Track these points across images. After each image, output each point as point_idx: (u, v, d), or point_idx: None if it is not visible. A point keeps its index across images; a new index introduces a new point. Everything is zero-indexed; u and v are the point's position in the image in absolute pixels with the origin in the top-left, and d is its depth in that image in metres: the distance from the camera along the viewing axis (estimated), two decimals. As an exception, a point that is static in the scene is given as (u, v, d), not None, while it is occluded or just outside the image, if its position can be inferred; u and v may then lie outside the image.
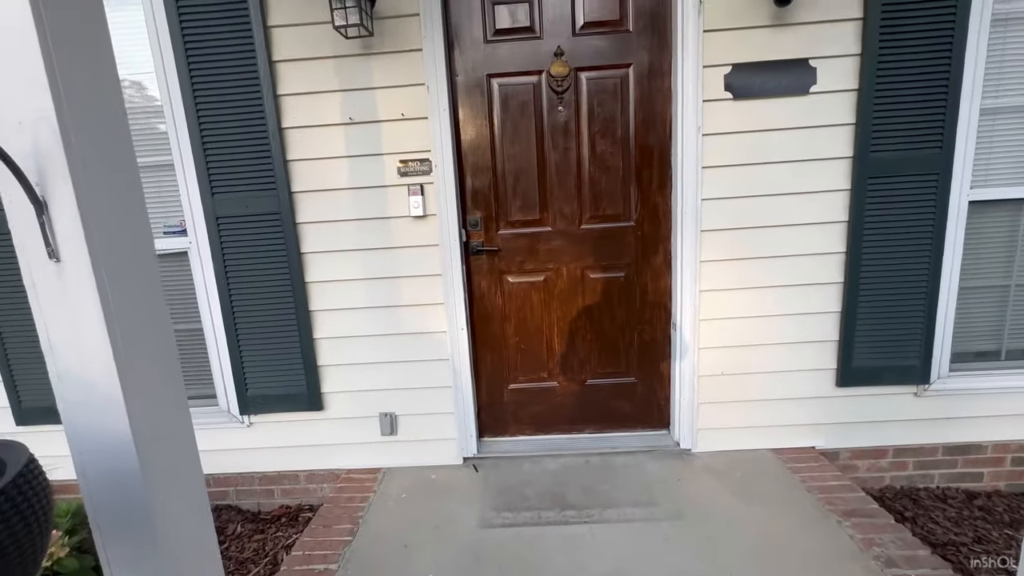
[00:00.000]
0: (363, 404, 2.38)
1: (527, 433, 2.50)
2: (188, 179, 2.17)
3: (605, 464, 2.33)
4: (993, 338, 2.32)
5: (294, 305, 2.26)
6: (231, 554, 2.20)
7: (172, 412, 1.07)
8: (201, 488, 1.16)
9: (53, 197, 0.90)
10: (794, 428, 2.36)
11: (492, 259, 2.32)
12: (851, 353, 2.24)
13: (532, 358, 2.42)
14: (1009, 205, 2.16)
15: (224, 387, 2.39)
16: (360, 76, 2.08)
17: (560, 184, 2.24)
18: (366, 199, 2.18)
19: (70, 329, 0.94)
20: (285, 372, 2.34)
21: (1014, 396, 2.27)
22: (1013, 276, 2.24)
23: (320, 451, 2.45)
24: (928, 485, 2.43)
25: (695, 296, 2.22)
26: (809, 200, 2.13)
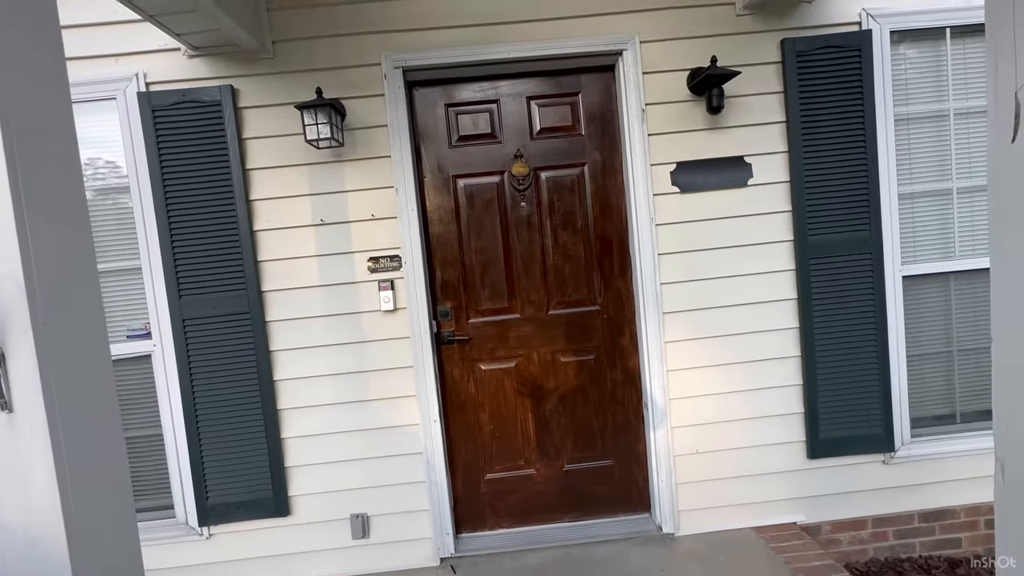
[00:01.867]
0: (333, 506, 2.27)
1: (506, 525, 2.41)
2: (155, 282, 2.17)
3: (587, 556, 2.24)
4: (946, 402, 2.42)
5: (261, 404, 2.20)
6: None
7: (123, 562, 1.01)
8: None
9: (12, 349, 0.90)
10: (773, 504, 2.36)
11: (463, 348, 2.34)
12: (817, 425, 2.30)
13: (508, 446, 2.39)
14: (939, 278, 2.35)
15: (183, 496, 2.25)
16: (331, 181, 2.19)
17: (526, 273, 2.33)
18: (336, 296, 2.21)
19: (17, 482, 0.91)
20: (249, 475, 2.23)
21: (974, 458, 2.34)
22: (953, 342, 2.39)
23: (286, 560, 2.29)
24: (911, 555, 2.42)
25: (663, 376, 2.27)
26: (760, 280, 2.27)
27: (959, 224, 2.32)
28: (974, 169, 2.29)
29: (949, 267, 2.32)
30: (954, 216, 2.31)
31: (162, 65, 2.14)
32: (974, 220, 2.31)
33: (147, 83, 2.13)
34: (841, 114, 2.21)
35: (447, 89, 2.27)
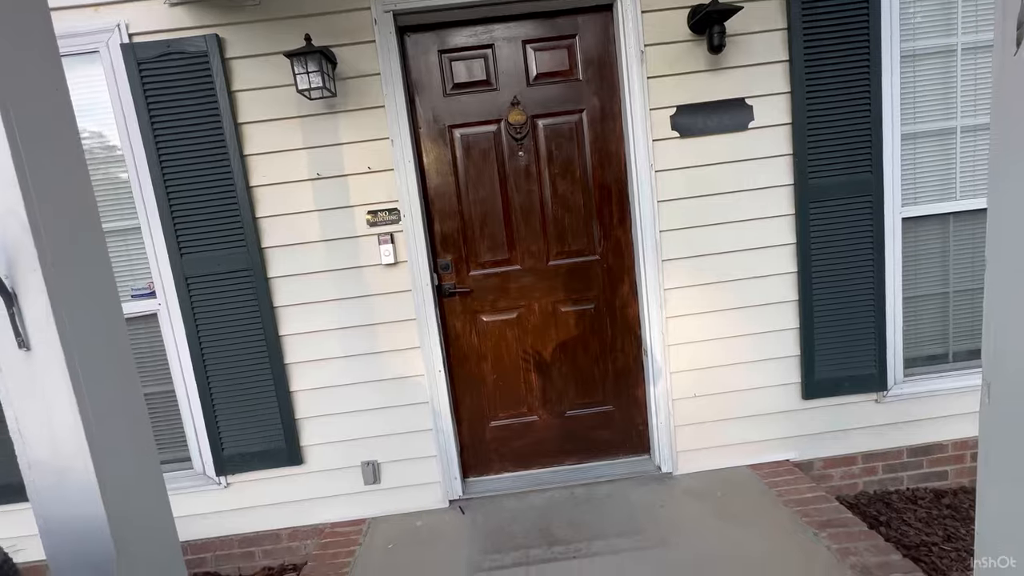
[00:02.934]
0: (344, 454, 2.36)
1: (511, 469, 2.51)
2: (155, 241, 2.17)
3: (590, 495, 2.35)
4: (940, 342, 2.47)
5: (269, 359, 2.25)
6: (211, 626, 2.11)
7: (148, 491, 1.07)
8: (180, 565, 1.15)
9: (23, 288, 0.92)
10: (768, 443, 2.44)
11: (465, 300, 2.37)
12: (812, 367, 2.35)
13: (511, 394, 2.45)
14: (938, 219, 2.35)
15: (199, 449, 2.33)
16: (325, 133, 2.15)
17: (526, 224, 2.33)
18: (337, 251, 2.22)
19: (41, 418, 0.95)
20: (262, 428, 2.31)
21: (965, 395, 2.41)
22: (950, 283, 2.41)
23: (302, 507, 2.40)
24: (899, 487, 2.53)
25: (662, 322, 2.31)
26: (759, 226, 2.27)
27: (961, 164, 2.29)
28: (980, 106, 2.25)
29: (949, 208, 2.32)
30: (957, 156, 2.28)
31: (143, 15, 2.07)
32: (977, 159, 2.29)
33: (130, 34, 2.06)
34: (846, 51, 2.15)
35: (440, 34, 2.19)
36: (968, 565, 1.95)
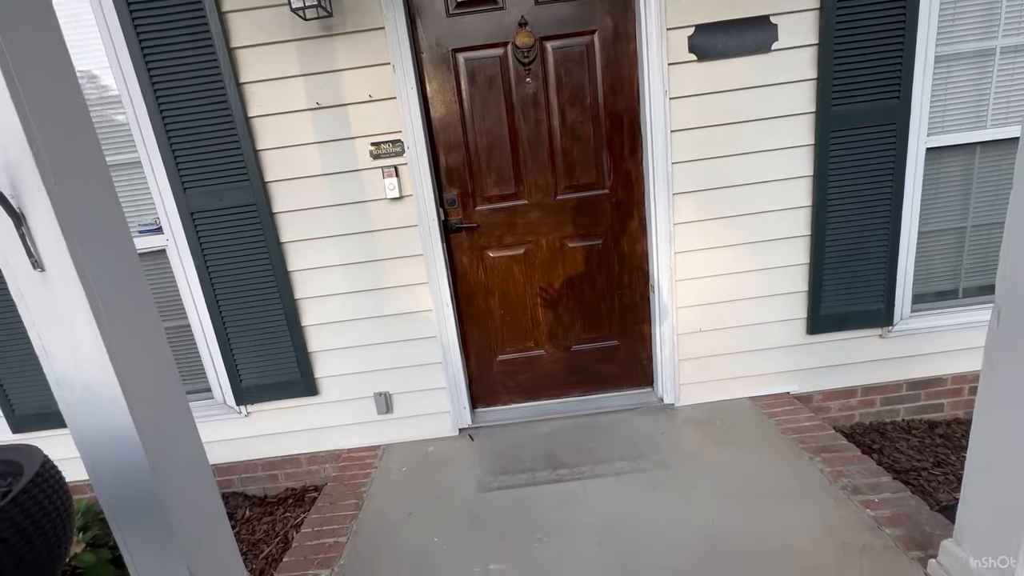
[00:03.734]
0: (357, 386, 2.45)
1: (518, 401, 2.60)
2: (157, 175, 2.14)
3: (594, 424, 2.44)
4: (951, 278, 2.45)
5: (279, 295, 2.28)
6: (243, 537, 2.29)
7: (171, 403, 1.12)
8: (208, 474, 1.22)
9: (30, 208, 0.92)
10: (769, 376, 2.50)
11: (472, 235, 2.35)
12: (819, 302, 2.35)
13: (518, 329, 2.49)
14: (963, 150, 2.25)
15: (218, 380, 2.42)
16: (323, 59, 2.05)
17: (533, 156, 2.26)
18: (341, 184, 2.18)
19: (63, 335, 0.97)
20: (277, 361, 2.38)
21: (970, 330, 2.41)
22: (969, 218, 2.35)
23: (319, 434, 2.52)
24: (894, 419, 2.61)
25: (670, 258, 2.29)
26: (775, 157, 2.19)
27: (997, 89, 2.16)
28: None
29: (978, 137, 2.21)
30: (993, 80, 2.15)
31: (121, -75, 1.91)
32: (1015, 83, 2.15)
33: (109, -51, 1.92)
34: (884, -40, 1.97)
35: (441, -55, 2.02)
36: (955, 487, 2.04)
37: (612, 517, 1.82)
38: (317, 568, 1.76)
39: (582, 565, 1.61)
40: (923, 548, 1.51)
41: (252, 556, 2.15)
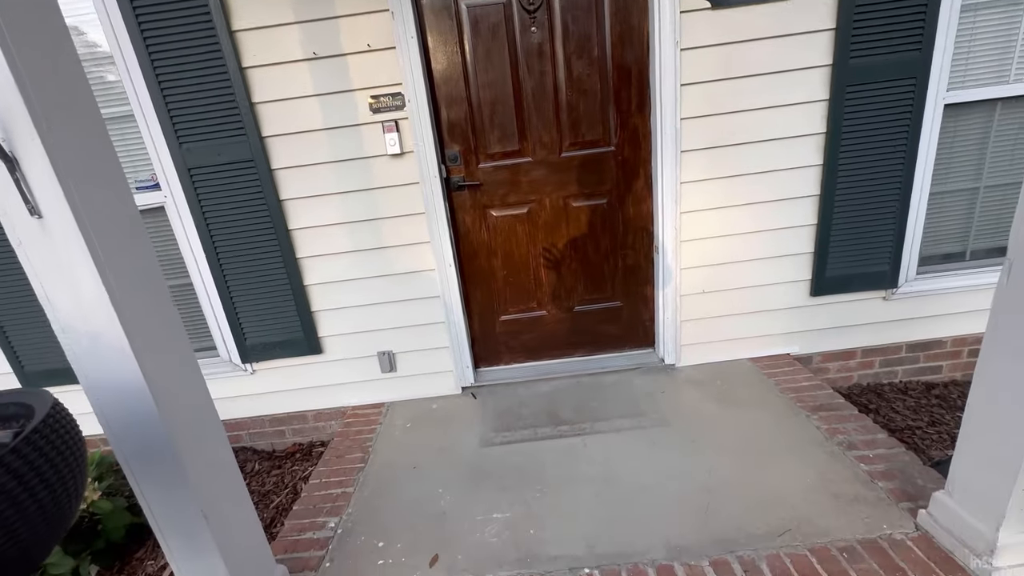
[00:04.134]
0: (361, 345, 2.47)
1: (520, 360, 2.63)
2: (152, 129, 2.09)
3: (595, 383, 2.48)
4: (959, 240, 2.42)
5: (280, 253, 2.27)
6: (253, 488, 2.36)
7: (177, 352, 1.12)
8: (216, 421, 1.24)
9: (23, 153, 0.89)
10: (771, 338, 2.51)
11: (474, 194, 2.31)
12: (825, 264, 2.33)
13: (520, 289, 2.49)
14: (983, 106, 2.18)
15: (223, 338, 2.44)
16: (319, 4, 1.96)
17: (538, 111, 2.19)
18: (341, 140, 2.13)
19: (64, 283, 0.97)
20: (281, 320, 2.39)
21: (975, 293, 2.40)
22: (983, 178, 2.30)
23: (324, 391, 2.56)
24: (892, 380, 2.64)
25: (676, 218, 2.26)
26: (788, 113, 2.12)
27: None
28: (1059, -32, 1.97)
29: (1000, 93, 2.13)
30: (1021, 28, 2.05)
31: None
32: (1042, 34, 2.06)
33: None
34: None
35: None
36: (948, 445, 2.08)
37: (611, 470, 1.86)
38: (326, 516, 1.82)
39: (581, 513, 1.67)
40: (914, 500, 1.56)
41: (263, 506, 2.23)
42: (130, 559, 2.02)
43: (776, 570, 1.38)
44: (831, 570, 1.36)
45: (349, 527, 1.76)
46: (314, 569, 1.59)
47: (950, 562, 1.35)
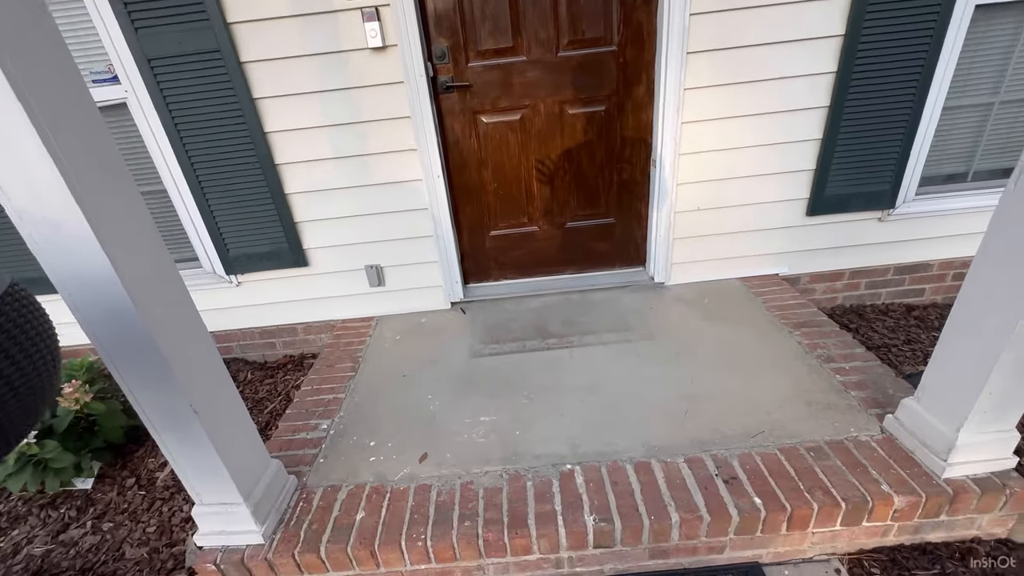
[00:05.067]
0: (347, 258, 2.42)
1: (510, 277, 2.61)
2: (100, 8, 1.86)
3: (584, 300, 2.49)
4: (964, 160, 2.35)
5: (258, 159, 2.14)
6: (247, 395, 2.42)
7: (147, 242, 1.07)
8: (196, 317, 1.22)
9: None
10: (762, 257, 2.50)
11: (463, 97, 2.15)
12: (825, 181, 2.27)
13: (511, 204, 2.41)
14: (1016, 9, 2.01)
15: (204, 249, 2.37)
16: None
17: (533, 3, 1.98)
18: (315, 29, 1.92)
19: (12, 164, 0.88)
20: (263, 230, 2.31)
21: (971, 216, 2.38)
22: (1000, 92, 2.18)
23: (312, 304, 2.55)
24: (875, 302, 2.69)
25: (676, 129, 2.14)
26: (805, 9, 1.94)
27: (1074, -71, 1.86)
28: None
29: (1035, -7, 1.96)
30: (1074, -86, 1.84)
31: None
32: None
33: None
34: None
35: None
36: (921, 362, 2.16)
37: (596, 379, 1.92)
38: (318, 419, 1.88)
39: (565, 418, 1.73)
40: (883, 407, 1.63)
41: (257, 411, 2.30)
42: (131, 457, 2.10)
43: (746, 466, 1.47)
44: (797, 466, 1.45)
45: (341, 428, 1.82)
46: (308, 464, 1.66)
47: (909, 460, 1.43)
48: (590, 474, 1.49)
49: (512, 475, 1.52)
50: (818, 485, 1.38)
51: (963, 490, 1.33)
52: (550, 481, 1.49)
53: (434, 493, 1.49)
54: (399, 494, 1.50)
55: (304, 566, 1.38)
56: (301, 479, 1.59)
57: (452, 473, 1.56)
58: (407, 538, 1.36)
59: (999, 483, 1.34)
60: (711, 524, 1.34)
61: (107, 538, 1.72)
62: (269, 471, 1.46)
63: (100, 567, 1.62)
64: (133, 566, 1.61)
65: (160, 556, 1.63)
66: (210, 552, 1.39)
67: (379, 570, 1.40)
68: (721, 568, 1.43)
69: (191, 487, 1.32)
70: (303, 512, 1.47)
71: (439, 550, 1.36)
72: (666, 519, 1.34)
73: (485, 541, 1.35)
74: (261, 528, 1.38)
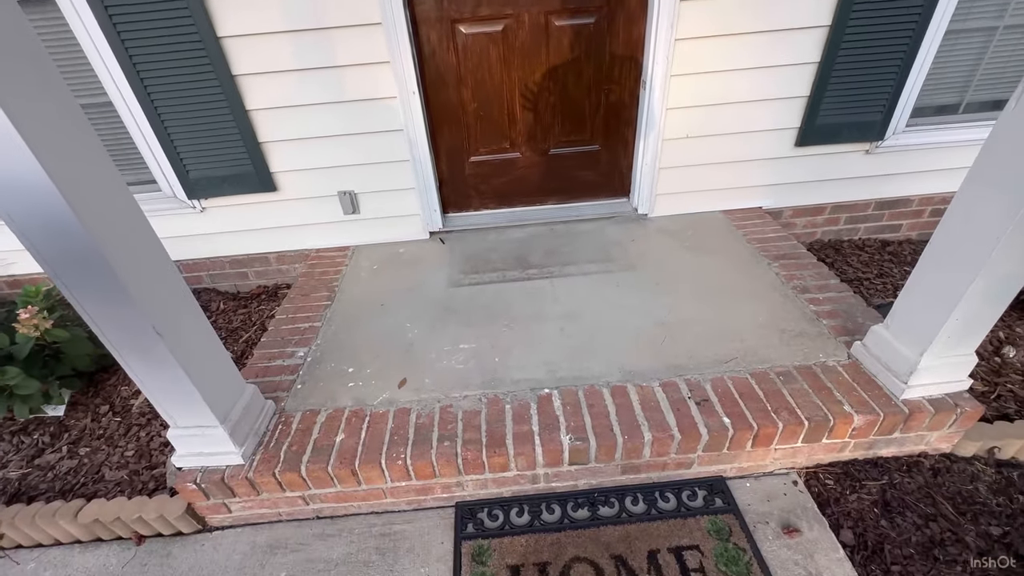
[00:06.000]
0: (318, 183, 2.29)
1: (491, 207, 2.53)
2: None
3: (567, 231, 2.44)
4: (959, 90, 2.28)
5: (213, 69, 1.93)
6: (220, 325, 2.36)
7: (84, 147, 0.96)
8: (151, 233, 1.13)
9: None
10: (746, 190, 2.46)
11: (440, 1, 1.95)
12: (818, 109, 2.19)
13: (493, 127, 2.28)
14: (1037, -82, 1.87)
15: (161, 170, 2.21)
16: None
17: None
18: (267, -91, 1.67)
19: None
20: (225, 151, 2.15)
21: (957, 150, 2.36)
22: (1006, 15, 2.08)
23: (284, 233, 2.44)
24: (852, 237, 2.71)
25: (670, 45, 2.00)
26: (818, -90, 1.77)
27: None
28: None
29: (1060, -101, 1.81)
30: None
31: None
32: None
33: None
34: None
35: None
36: (891, 294, 2.21)
37: (576, 308, 1.92)
38: (295, 347, 1.85)
39: (544, 345, 1.74)
40: (852, 335, 1.68)
41: (232, 340, 2.25)
42: (103, 385, 2.06)
43: (718, 389, 1.51)
44: (766, 389, 1.50)
45: (318, 356, 1.80)
46: (286, 390, 1.65)
47: (871, 383, 1.49)
48: (567, 398, 1.52)
49: (491, 399, 1.54)
50: (784, 406, 1.44)
51: (918, 410, 1.41)
52: (528, 404, 1.51)
53: (413, 416, 1.51)
54: (379, 417, 1.51)
55: (286, 484, 1.40)
56: (279, 404, 1.59)
57: (431, 397, 1.57)
58: (387, 457, 1.39)
59: (951, 403, 1.42)
60: (681, 442, 1.40)
61: (85, 462, 1.72)
62: (245, 395, 1.44)
63: (80, 488, 1.63)
64: (114, 487, 1.62)
65: (141, 478, 1.64)
66: (189, 472, 1.40)
67: (360, 487, 1.43)
68: (688, 482, 1.52)
69: (163, 410, 1.29)
70: (282, 435, 1.48)
71: (419, 467, 1.39)
72: (639, 438, 1.39)
73: (464, 459, 1.39)
74: (240, 449, 1.38)
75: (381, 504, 1.51)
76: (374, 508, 1.52)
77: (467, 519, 1.47)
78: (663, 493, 1.49)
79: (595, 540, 1.38)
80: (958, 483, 1.44)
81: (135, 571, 1.43)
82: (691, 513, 1.43)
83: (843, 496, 1.44)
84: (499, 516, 1.47)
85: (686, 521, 1.41)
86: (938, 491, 1.42)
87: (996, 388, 1.69)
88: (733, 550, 1.32)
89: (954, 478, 1.46)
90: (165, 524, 1.48)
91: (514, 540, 1.40)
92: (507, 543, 1.39)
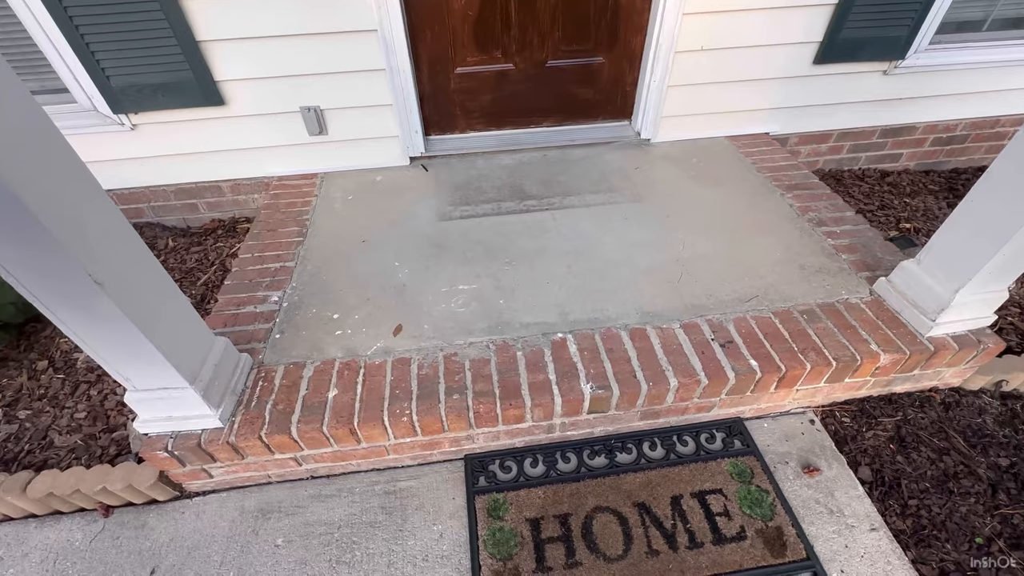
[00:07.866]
0: (276, 96, 1.93)
1: (479, 128, 2.24)
2: None
3: (564, 157, 2.21)
4: (985, 5, 2.11)
5: (124, -65, 1.49)
6: (172, 266, 2.07)
7: None
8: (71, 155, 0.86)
9: None
10: (755, 113, 2.28)
11: None
12: (844, 21, 1.98)
13: (483, 31, 1.94)
14: None
15: (72, 75, 1.78)
16: None
17: None
18: None
19: None
20: (155, 51, 1.73)
21: (974, 73, 2.24)
22: (1056, -87, 1.88)
23: (238, 157, 2.09)
24: (853, 167, 2.62)
25: (696, -68, 1.70)
26: None
27: None
28: None
29: None
30: None
31: None
32: None
33: None
34: None
35: None
36: (892, 227, 2.16)
37: (582, 244, 1.75)
38: (266, 290, 1.61)
39: (552, 285, 1.59)
40: (872, 270, 1.61)
41: (189, 283, 1.97)
42: (37, 337, 1.77)
43: (742, 330, 1.42)
44: (791, 329, 1.42)
45: (296, 300, 1.57)
46: (261, 341, 1.44)
47: (895, 320, 1.44)
48: (584, 342, 1.39)
49: (500, 345, 1.40)
50: (811, 346, 1.37)
51: (943, 347, 1.37)
52: (541, 351, 1.38)
53: (415, 367, 1.35)
54: (375, 369, 1.35)
55: (275, 447, 1.24)
56: (256, 357, 1.39)
57: (433, 345, 1.41)
58: (390, 414, 1.24)
59: (975, 339, 1.39)
60: (707, 387, 1.32)
61: (27, 426, 1.49)
62: (216, 349, 1.23)
63: (26, 457, 1.41)
64: (68, 454, 1.42)
65: (98, 442, 1.43)
66: (158, 439, 1.21)
67: (360, 445, 1.30)
68: (705, 424, 1.47)
69: (115, 371, 1.07)
70: (264, 392, 1.29)
71: (426, 423, 1.26)
72: (664, 384, 1.29)
73: (476, 413, 1.26)
74: (216, 412, 1.19)
75: (383, 461, 1.39)
76: (375, 465, 1.40)
77: (478, 472, 1.37)
78: (681, 437, 1.44)
79: (615, 488, 1.32)
80: (967, 417, 1.45)
81: (106, 545, 1.27)
82: (711, 456, 1.38)
83: (859, 433, 1.43)
84: (512, 468, 1.38)
85: (707, 465, 1.36)
86: (950, 425, 1.43)
87: (997, 321, 1.69)
88: (756, 492, 1.29)
89: (963, 412, 1.47)
90: (135, 493, 1.30)
91: (531, 492, 1.32)
92: (523, 495, 1.31)
